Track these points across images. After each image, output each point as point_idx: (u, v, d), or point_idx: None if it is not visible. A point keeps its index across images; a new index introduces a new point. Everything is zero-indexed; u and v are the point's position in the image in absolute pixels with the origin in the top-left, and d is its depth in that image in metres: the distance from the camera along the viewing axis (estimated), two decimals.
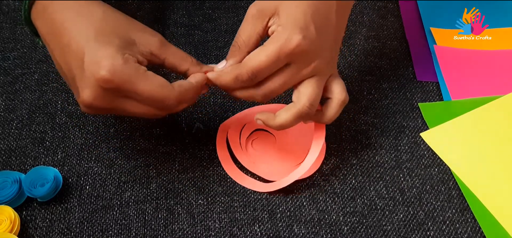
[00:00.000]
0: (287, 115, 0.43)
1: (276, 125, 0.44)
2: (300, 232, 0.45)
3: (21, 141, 0.52)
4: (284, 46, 0.40)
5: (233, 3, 0.67)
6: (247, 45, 0.43)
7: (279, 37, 0.40)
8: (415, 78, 0.58)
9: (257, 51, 0.41)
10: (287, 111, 0.44)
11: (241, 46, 0.43)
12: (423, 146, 0.51)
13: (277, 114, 0.44)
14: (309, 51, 0.41)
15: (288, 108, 0.44)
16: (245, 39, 0.43)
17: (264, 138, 0.52)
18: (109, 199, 0.47)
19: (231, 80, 0.42)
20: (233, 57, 0.43)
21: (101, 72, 0.36)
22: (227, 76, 0.42)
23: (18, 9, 0.66)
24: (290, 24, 0.40)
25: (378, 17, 0.66)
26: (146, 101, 0.39)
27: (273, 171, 0.49)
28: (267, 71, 0.41)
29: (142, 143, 0.52)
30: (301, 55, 0.41)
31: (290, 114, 0.43)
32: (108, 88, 0.37)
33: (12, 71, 0.58)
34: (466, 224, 0.45)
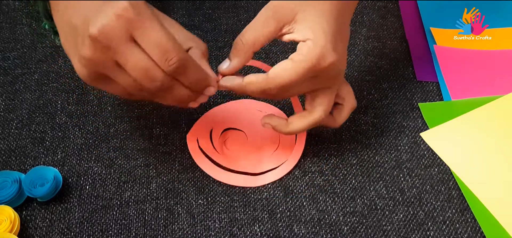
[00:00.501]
0: (302, 124, 0.45)
1: (288, 132, 0.45)
2: (300, 232, 0.45)
3: (21, 140, 0.52)
4: (317, 65, 0.39)
5: (233, 3, 0.67)
6: (253, 47, 0.41)
7: (311, 55, 0.39)
8: (415, 78, 0.58)
9: (287, 68, 0.40)
10: (302, 120, 0.45)
11: (247, 46, 0.41)
12: (423, 146, 0.51)
13: (290, 122, 0.45)
14: (337, 67, 0.41)
15: (303, 117, 0.45)
16: (253, 39, 0.41)
17: (235, 136, 0.52)
18: (109, 199, 0.47)
19: (258, 93, 0.41)
20: (237, 57, 0.42)
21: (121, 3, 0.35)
22: (254, 87, 0.41)
23: (18, 9, 0.66)
24: (322, 39, 0.39)
25: (378, 17, 0.66)
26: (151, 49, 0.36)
27: (254, 163, 0.49)
28: (295, 86, 0.41)
29: (142, 143, 0.52)
30: (328, 71, 0.41)
31: (305, 124, 0.45)
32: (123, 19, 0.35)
33: (12, 71, 0.58)
34: (466, 224, 0.45)
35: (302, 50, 0.40)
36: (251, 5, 0.67)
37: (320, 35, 0.39)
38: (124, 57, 0.36)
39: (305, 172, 0.49)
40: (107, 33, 0.35)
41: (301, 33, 0.40)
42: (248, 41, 0.41)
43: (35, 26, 0.64)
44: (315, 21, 0.40)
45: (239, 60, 0.42)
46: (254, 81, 0.41)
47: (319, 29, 0.39)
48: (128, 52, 0.36)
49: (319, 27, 0.40)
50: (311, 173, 0.49)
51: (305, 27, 0.40)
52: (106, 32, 0.35)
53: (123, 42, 0.36)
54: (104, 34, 0.35)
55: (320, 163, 0.50)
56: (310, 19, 0.40)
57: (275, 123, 0.46)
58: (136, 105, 0.55)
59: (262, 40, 0.41)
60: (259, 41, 0.41)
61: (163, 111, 0.54)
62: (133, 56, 0.36)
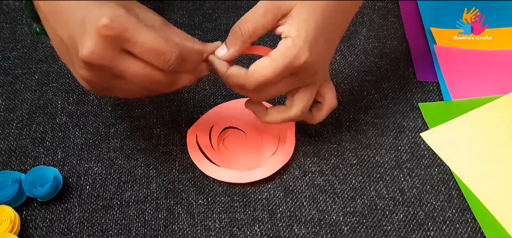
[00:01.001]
0: (278, 117, 0.46)
1: (265, 120, 0.46)
2: (300, 232, 0.45)
3: (21, 141, 0.52)
4: (292, 62, 0.40)
5: (233, 3, 0.67)
6: (251, 37, 0.41)
7: (288, 53, 0.39)
8: (415, 78, 0.58)
9: (264, 65, 0.40)
10: (278, 113, 0.45)
11: (245, 36, 0.41)
12: (423, 146, 0.51)
13: (268, 112, 0.46)
14: (314, 66, 0.41)
15: (281, 111, 0.45)
16: (251, 30, 0.41)
17: (235, 135, 0.52)
18: (109, 199, 0.47)
19: (236, 86, 0.42)
20: (234, 46, 0.42)
21: (102, 20, 0.34)
22: (233, 80, 0.41)
23: (18, 9, 0.66)
24: (301, 38, 0.39)
25: (378, 17, 0.66)
26: (146, 55, 0.36)
27: (251, 166, 0.49)
28: (272, 84, 0.41)
29: (142, 143, 0.52)
30: (305, 69, 0.41)
31: (281, 117, 0.45)
32: (109, 38, 0.35)
33: (12, 71, 0.58)
34: (466, 224, 0.45)
35: (280, 47, 0.40)
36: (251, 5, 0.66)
37: (302, 33, 0.40)
38: (122, 70, 0.37)
39: (305, 172, 0.49)
40: (97, 55, 0.35)
41: (287, 29, 0.40)
42: (247, 32, 0.41)
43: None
44: (303, 19, 0.40)
45: (235, 49, 0.42)
46: (234, 75, 0.41)
47: (303, 28, 0.40)
48: (124, 64, 0.36)
49: (304, 25, 0.40)
50: (311, 173, 0.49)
51: (293, 23, 0.40)
52: (97, 54, 0.35)
53: (116, 57, 0.36)
54: (95, 57, 0.35)
55: (320, 163, 0.50)
56: (300, 16, 0.40)
57: (255, 108, 0.46)
58: (136, 105, 0.55)
59: (261, 31, 0.41)
60: (257, 32, 0.41)
61: (163, 111, 0.55)
62: (130, 67, 0.37)
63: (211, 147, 0.51)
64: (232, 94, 0.56)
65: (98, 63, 0.36)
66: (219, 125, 0.52)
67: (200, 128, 0.52)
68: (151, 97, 0.56)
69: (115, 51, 0.36)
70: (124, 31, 0.35)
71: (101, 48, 0.35)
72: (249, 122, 0.53)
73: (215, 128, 0.52)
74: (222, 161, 0.49)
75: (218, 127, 0.52)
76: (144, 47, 0.36)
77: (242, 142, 0.52)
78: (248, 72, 0.41)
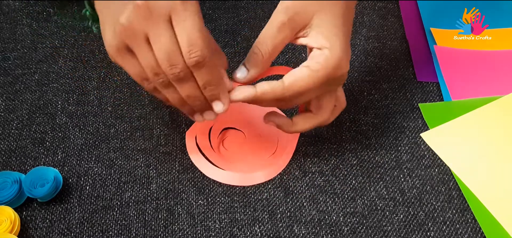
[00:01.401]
0: (307, 126, 0.45)
1: (292, 131, 0.46)
2: (300, 233, 0.45)
3: (21, 141, 0.52)
4: (333, 73, 0.40)
5: (233, 3, 0.67)
6: (271, 55, 0.41)
7: (329, 64, 0.39)
8: (415, 79, 0.58)
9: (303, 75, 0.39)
10: (307, 121, 0.45)
11: (265, 56, 0.41)
12: (423, 146, 0.51)
13: (294, 122, 0.45)
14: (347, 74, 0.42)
15: (309, 118, 0.45)
16: (271, 49, 0.40)
17: (234, 136, 0.52)
18: (109, 200, 0.47)
19: (273, 100, 0.41)
20: (256, 67, 0.41)
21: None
22: (270, 97, 0.41)
23: (18, 9, 0.66)
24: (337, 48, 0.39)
25: (378, 18, 0.66)
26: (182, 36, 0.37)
27: (250, 166, 0.49)
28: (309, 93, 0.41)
29: (142, 143, 0.52)
30: (341, 79, 0.41)
31: (311, 125, 0.45)
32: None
33: (12, 71, 0.58)
34: (466, 225, 0.45)
35: (319, 59, 0.39)
36: (251, 5, 0.67)
37: (336, 43, 0.39)
38: (156, 34, 0.37)
39: (305, 173, 0.49)
40: (151, 5, 0.36)
41: (315, 40, 0.40)
42: (267, 51, 0.41)
43: (35, 26, 0.64)
44: (329, 28, 0.40)
45: (257, 71, 0.41)
46: (269, 91, 0.40)
47: (334, 38, 0.40)
48: (161, 31, 0.37)
49: (333, 34, 0.40)
50: (311, 173, 0.49)
51: (320, 34, 0.40)
52: (151, 4, 0.36)
53: (161, 20, 0.36)
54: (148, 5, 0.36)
55: (320, 163, 0.50)
56: (324, 25, 0.40)
57: (279, 121, 0.46)
58: (136, 105, 0.55)
59: (280, 47, 0.41)
60: (277, 49, 0.41)
61: (163, 111, 0.55)
62: (164, 36, 0.37)
63: (211, 148, 0.50)
64: None
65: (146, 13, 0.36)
66: (218, 126, 0.52)
67: (198, 129, 0.52)
68: (151, 97, 0.56)
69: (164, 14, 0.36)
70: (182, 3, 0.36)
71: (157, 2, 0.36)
72: (248, 122, 0.53)
73: (214, 129, 0.52)
74: (223, 162, 0.49)
75: (217, 128, 0.52)
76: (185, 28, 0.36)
77: (241, 142, 0.52)
78: (286, 85, 0.40)
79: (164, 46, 0.37)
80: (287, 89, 0.40)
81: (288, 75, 0.40)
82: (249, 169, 0.49)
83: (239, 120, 0.53)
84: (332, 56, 0.39)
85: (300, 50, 0.60)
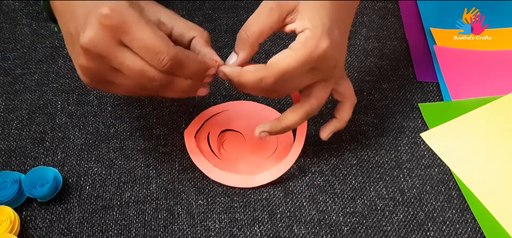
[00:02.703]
0: (294, 117, 0.44)
1: (282, 128, 0.45)
2: (300, 233, 0.45)
3: (21, 141, 0.52)
4: (313, 52, 0.39)
5: (233, 3, 0.67)
6: (257, 39, 0.41)
7: (309, 43, 0.39)
8: (415, 79, 0.58)
9: (285, 56, 0.40)
10: (293, 113, 0.44)
11: (251, 39, 0.41)
12: (423, 146, 0.51)
13: (282, 118, 0.45)
14: (334, 56, 0.41)
15: (295, 109, 0.44)
16: (257, 32, 0.41)
17: (233, 138, 0.52)
18: (109, 199, 0.47)
19: (254, 81, 0.41)
20: (243, 50, 0.41)
21: (102, 9, 0.35)
22: (250, 76, 0.40)
23: (18, 9, 0.66)
24: (319, 28, 0.39)
25: (378, 17, 0.66)
26: (142, 51, 0.36)
27: (252, 166, 0.49)
28: (292, 77, 0.40)
29: (142, 143, 0.52)
30: (325, 61, 0.41)
31: (298, 116, 0.44)
32: (108, 28, 0.35)
33: (12, 71, 0.58)
34: (466, 225, 0.45)
35: (300, 39, 0.40)
36: (251, 5, 0.67)
37: (318, 24, 0.40)
38: (118, 62, 0.37)
39: (305, 173, 0.49)
40: (96, 44, 0.36)
41: (300, 23, 0.40)
42: (253, 34, 0.41)
43: (35, 26, 0.64)
44: (314, 12, 0.40)
45: (245, 53, 0.41)
46: (251, 70, 0.41)
47: (317, 19, 0.40)
48: (121, 56, 0.36)
49: (317, 16, 0.40)
50: (311, 173, 0.49)
51: (305, 17, 0.40)
52: (95, 43, 0.36)
53: (114, 48, 0.36)
54: (93, 45, 0.36)
55: (320, 163, 0.50)
56: (309, 10, 0.40)
57: (268, 127, 0.45)
58: (136, 105, 0.55)
59: (267, 31, 0.41)
60: (264, 33, 0.41)
61: (163, 111, 0.55)
62: (126, 60, 0.37)
63: (211, 152, 0.50)
64: (231, 94, 0.56)
65: (96, 52, 0.36)
66: (216, 128, 0.52)
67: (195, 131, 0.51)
68: (150, 97, 0.56)
69: (113, 42, 0.36)
70: (122, 23, 0.35)
71: (100, 37, 0.35)
72: (246, 123, 0.53)
73: (213, 132, 0.52)
74: (224, 164, 0.49)
75: (216, 131, 0.52)
76: (141, 43, 0.36)
77: (241, 143, 0.52)
78: (268, 64, 0.40)
79: (132, 69, 0.37)
80: (269, 68, 0.40)
81: (272, 57, 0.41)
82: (252, 169, 0.49)
83: (237, 121, 0.53)
84: (312, 35, 0.39)
85: None
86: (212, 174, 0.48)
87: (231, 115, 0.53)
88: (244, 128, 0.52)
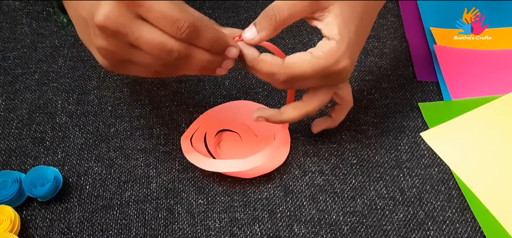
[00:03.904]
0: (295, 114, 0.45)
1: (281, 120, 0.46)
2: (300, 232, 0.45)
3: (21, 140, 0.52)
4: (332, 66, 0.40)
5: (233, 3, 0.67)
6: (285, 22, 0.40)
7: (331, 56, 0.39)
8: (415, 78, 0.58)
9: (304, 60, 0.39)
10: (295, 110, 0.45)
11: (279, 20, 0.40)
12: (423, 145, 0.51)
13: (283, 111, 0.45)
14: (348, 72, 0.42)
15: (298, 107, 0.45)
16: (286, 14, 0.39)
17: (229, 138, 0.52)
18: (109, 199, 0.47)
19: (266, 73, 0.40)
20: (265, 30, 0.40)
21: None
22: (265, 67, 0.40)
23: (18, 9, 0.66)
24: (344, 44, 0.39)
25: (378, 17, 0.66)
26: (160, 22, 0.35)
27: None
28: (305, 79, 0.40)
29: (142, 143, 0.52)
30: (340, 75, 0.41)
31: (299, 114, 0.45)
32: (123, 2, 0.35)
33: (12, 71, 0.58)
34: (466, 224, 0.45)
35: (324, 48, 0.40)
36: (251, 5, 0.67)
37: (345, 38, 0.39)
38: (136, 37, 0.36)
39: (305, 172, 0.49)
40: (112, 19, 0.35)
41: (328, 28, 0.40)
42: (282, 17, 0.40)
43: (35, 26, 0.64)
44: (344, 21, 0.39)
45: (266, 34, 0.40)
46: (268, 61, 0.40)
47: (345, 32, 0.39)
48: (139, 30, 0.36)
49: (346, 29, 0.39)
50: (311, 172, 0.49)
51: (334, 23, 0.39)
52: (112, 18, 0.35)
53: (131, 23, 0.35)
54: (110, 20, 0.35)
55: (320, 162, 0.50)
56: (341, 16, 0.39)
57: (268, 114, 0.45)
58: (136, 105, 0.55)
59: (295, 17, 0.40)
60: (292, 19, 0.40)
61: (163, 111, 0.55)
62: (144, 33, 0.36)
63: (208, 152, 0.50)
64: (231, 94, 0.56)
65: (112, 28, 0.35)
66: (213, 129, 0.52)
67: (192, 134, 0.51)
68: (151, 97, 0.56)
69: (130, 16, 0.35)
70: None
71: (116, 13, 0.35)
72: (242, 123, 0.53)
73: (209, 133, 0.52)
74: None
75: (212, 132, 0.52)
76: (158, 13, 0.35)
77: (237, 143, 0.52)
78: (285, 63, 0.40)
79: (150, 42, 0.36)
80: (285, 67, 0.40)
81: (291, 55, 0.40)
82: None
83: (233, 121, 0.53)
84: (337, 49, 0.39)
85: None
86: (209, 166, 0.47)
87: (228, 116, 0.53)
88: (240, 128, 0.52)
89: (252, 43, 0.41)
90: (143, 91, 0.56)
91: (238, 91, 0.56)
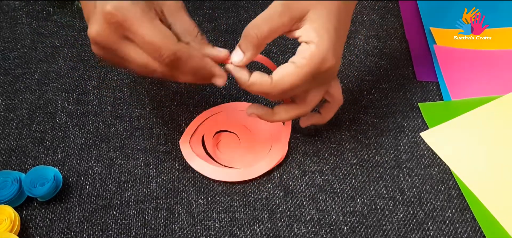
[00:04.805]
0: (288, 115, 0.46)
1: (274, 120, 0.46)
2: (300, 232, 0.45)
3: (21, 140, 0.52)
4: (318, 68, 0.40)
5: (233, 3, 0.67)
6: (266, 39, 0.41)
7: (314, 59, 0.40)
8: (415, 78, 0.58)
9: (289, 72, 0.40)
10: (287, 111, 0.46)
11: (260, 38, 0.41)
12: (423, 145, 0.51)
13: (275, 112, 0.46)
14: (335, 69, 0.42)
15: (290, 108, 0.46)
16: (266, 31, 0.40)
17: (228, 139, 0.52)
18: (109, 199, 0.47)
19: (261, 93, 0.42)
20: (250, 50, 0.41)
21: (106, 7, 0.37)
22: (257, 89, 0.41)
23: (18, 9, 0.66)
24: (324, 43, 0.40)
25: (378, 17, 0.66)
26: (143, 46, 0.38)
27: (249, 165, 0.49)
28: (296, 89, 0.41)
29: (142, 143, 0.52)
30: (328, 74, 0.42)
31: (291, 115, 0.46)
32: (112, 24, 0.37)
33: (12, 71, 0.58)
34: (466, 224, 0.45)
35: (305, 53, 0.40)
36: (251, 5, 0.67)
37: (324, 38, 0.40)
38: (124, 53, 0.39)
39: (305, 172, 0.49)
40: (101, 37, 0.38)
41: (306, 34, 0.40)
42: (263, 33, 0.40)
43: (35, 25, 0.64)
44: (322, 23, 0.40)
45: (252, 53, 0.41)
46: (258, 83, 0.41)
47: (323, 33, 0.40)
48: (126, 49, 0.39)
49: (324, 30, 0.40)
50: (311, 172, 0.49)
51: (312, 28, 0.40)
52: (102, 36, 0.38)
53: (118, 42, 0.38)
54: (100, 37, 0.38)
55: (320, 162, 0.50)
56: (318, 20, 0.40)
57: (261, 112, 0.46)
58: (136, 105, 0.55)
59: (276, 34, 0.41)
60: (273, 35, 0.41)
61: (163, 111, 0.55)
62: (131, 52, 0.39)
63: (207, 154, 0.50)
64: (231, 94, 0.56)
65: (103, 44, 0.38)
66: (211, 130, 0.52)
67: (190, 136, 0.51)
68: (151, 97, 0.56)
69: (118, 36, 0.38)
70: (125, 21, 0.37)
71: (106, 31, 0.38)
72: (239, 123, 0.53)
73: (208, 135, 0.52)
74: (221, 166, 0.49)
75: (210, 133, 0.52)
76: (142, 39, 0.38)
77: (236, 144, 0.52)
78: (273, 81, 0.41)
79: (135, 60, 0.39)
80: (274, 86, 0.41)
81: (275, 72, 0.41)
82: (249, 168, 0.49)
83: (231, 122, 0.53)
84: (318, 51, 0.40)
85: None
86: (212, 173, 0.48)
87: (226, 117, 0.53)
88: (238, 129, 0.52)
89: (241, 65, 0.42)
90: (143, 91, 0.56)
91: (238, 91, 0.56)
